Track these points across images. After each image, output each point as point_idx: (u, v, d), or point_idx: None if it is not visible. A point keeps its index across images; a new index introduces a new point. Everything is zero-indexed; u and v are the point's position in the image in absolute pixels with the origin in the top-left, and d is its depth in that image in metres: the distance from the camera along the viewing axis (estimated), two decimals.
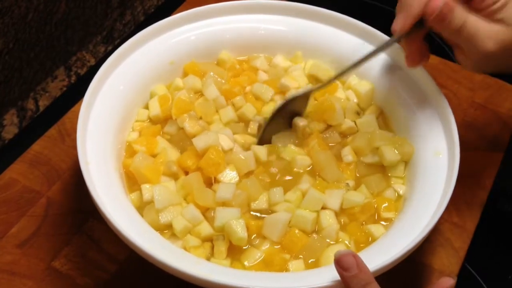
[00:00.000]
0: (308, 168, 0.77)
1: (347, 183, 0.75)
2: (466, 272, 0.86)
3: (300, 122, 0.79)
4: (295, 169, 0.76)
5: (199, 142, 0.74)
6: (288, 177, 0.76)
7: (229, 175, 0.74)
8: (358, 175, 0.77)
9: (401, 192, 0.75)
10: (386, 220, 0.73)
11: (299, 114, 0.81)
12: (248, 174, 0.76)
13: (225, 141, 0.76)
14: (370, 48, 0.78)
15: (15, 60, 0.90)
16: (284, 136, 0.79)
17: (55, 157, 0.83)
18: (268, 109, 0.82)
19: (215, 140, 0.75)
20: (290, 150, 0.78)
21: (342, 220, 0.73)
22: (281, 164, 0.77)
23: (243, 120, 0.81)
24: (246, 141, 0.79)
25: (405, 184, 0.76)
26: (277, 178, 0.76)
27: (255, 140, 0.80)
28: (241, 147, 0.78)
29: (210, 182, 0.74)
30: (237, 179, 0.74)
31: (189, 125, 0.77)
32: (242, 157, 0.75)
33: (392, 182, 0.76)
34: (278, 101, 0.83)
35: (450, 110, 0.75)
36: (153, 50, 0.83)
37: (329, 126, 0.81)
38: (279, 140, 0.79)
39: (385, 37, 0.81)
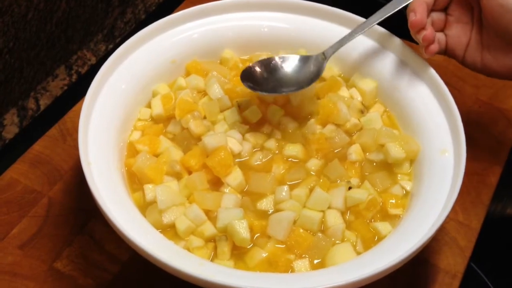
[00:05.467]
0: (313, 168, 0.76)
1: (349, 181, 0.75)
2: (472, 271, 0.85)
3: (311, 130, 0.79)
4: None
5: (211, 141, 0.73)
6: (294, 174, 0.76)
7: (236, 180, 0.73)
8: (366, 173, 0.76)
9: (408, 188, 0.74)
10: (393, 217, 0.72)
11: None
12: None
13: (234, 144, 0.76)
14: None
15: (15, 60, 0.89)
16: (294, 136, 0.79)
17: (56, 157, 0.83)
18: (271, 110, 0.81)
19: (226, 141, 0.75)
20: (297, 150, 0.77)
21: (348, 218, 0.72)
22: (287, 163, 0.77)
23: (248, 122, 0.80)
24: (257, 141, 0.78)
25: (411, 180, 0.75)
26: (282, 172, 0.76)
27: (266, 139, 0.79)
28: (252, 147, 0.78)
29: (215, 181, 0.73)
30: (243, 183, 0.74)
31: (194, 125, 0.77)
32: None
33: (398, 179, 0.76)
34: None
35: (456, 107, 0.75)
36: (155, 49, 0.82)
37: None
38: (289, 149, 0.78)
39: (388, 34, 0.80)
